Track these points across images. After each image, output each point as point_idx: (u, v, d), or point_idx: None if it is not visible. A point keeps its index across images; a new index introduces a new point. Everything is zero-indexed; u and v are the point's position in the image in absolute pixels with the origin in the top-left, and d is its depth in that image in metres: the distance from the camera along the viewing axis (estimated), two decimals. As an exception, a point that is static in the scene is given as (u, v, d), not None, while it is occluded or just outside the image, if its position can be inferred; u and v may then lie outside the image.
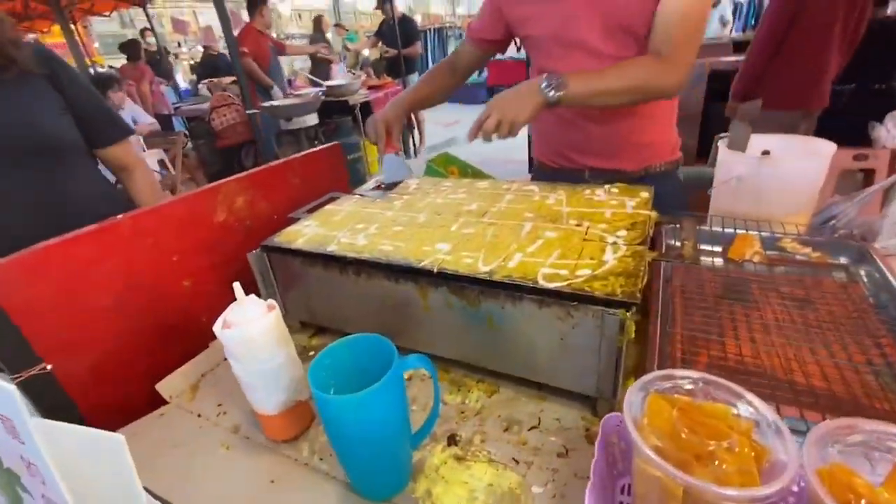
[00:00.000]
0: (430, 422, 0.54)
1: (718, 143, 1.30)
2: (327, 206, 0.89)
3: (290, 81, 4.73)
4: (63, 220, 0.76)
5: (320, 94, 4.11)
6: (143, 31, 6.93)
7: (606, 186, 0.83)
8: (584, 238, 0.65)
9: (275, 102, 3.71)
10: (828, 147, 1.05)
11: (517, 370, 0.63)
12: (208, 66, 5.76)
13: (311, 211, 0.88)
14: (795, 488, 0.38)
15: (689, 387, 0.40)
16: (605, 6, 0.92)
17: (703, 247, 0.88)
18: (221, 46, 5.75)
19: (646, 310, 0.66)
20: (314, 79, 4.66)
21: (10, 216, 0.91)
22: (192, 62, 8.81)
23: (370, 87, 4.96)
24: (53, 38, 7.66)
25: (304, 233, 0.77)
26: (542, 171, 1.21)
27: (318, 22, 6.27)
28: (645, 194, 0.78)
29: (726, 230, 0.90)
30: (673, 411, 0.37)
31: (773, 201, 1.12)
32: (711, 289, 0.78)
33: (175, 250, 0.81)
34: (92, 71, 5.27)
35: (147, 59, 5.59)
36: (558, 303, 0.54)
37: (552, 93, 0.80)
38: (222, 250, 0.87)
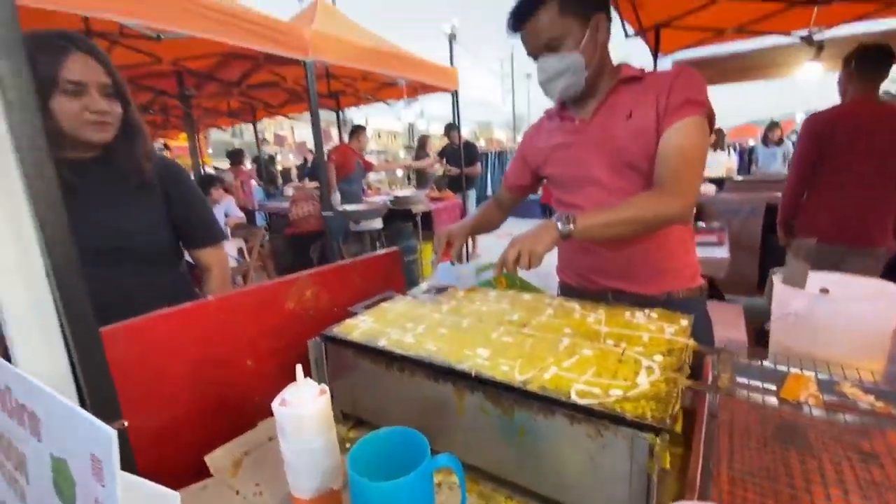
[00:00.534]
0: (454, 530, 0.54)
1: (773, 277, 1.29)
2: (382, 304, 0.98)
3: (364, 190, 5.31)
4: (149, 308, 0.86)
5: (388, 202, 4.55)
6: (256, 142, 8.24)
7: (647, 311, 0.86)
8: (620, 359, 0.68)
9: (347, 207, 4.15)
10: (892, 289, 1.03)
11: (546, 489, 0.62)
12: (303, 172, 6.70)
13: (368, 307, 0.98)
14: None
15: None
16: (610, 148, 1.08)
17: (754, 383, 0.86)
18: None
19: (688, 443, 0.64)
20: (380, 187, 5.21)
21: (117, 302, 1.04)
22: (282, 168, 10.24)
23: (433, 199, 5.42)
24: (179, 142, 9.28)
25: (360, 326, 0.85)
26: (568, 291, 1.29)
27: (422, 142, 7.04)
28: (684, 322, 0.80)
29: (779, 367, 0.87)
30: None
31: (834, 342, 1.07)
32: (762, 429, 0.74)
33: (247, 332, 0.92)
34: (202, 171, 6.26)
35: (251, 163, 6.61)
36: (588, 420, 0.56)
37: (564, 227, 0.91)
38: (286, 336, 0.97)
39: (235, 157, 6.06)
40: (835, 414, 0.77)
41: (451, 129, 6.16)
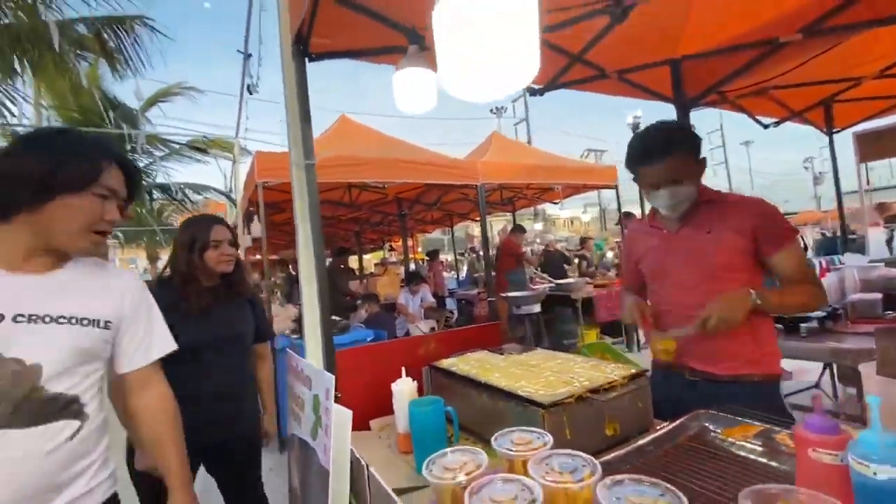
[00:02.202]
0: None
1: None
2: (467, 354, 1.63)
3: (531, 279, 6.02)
4: (245, 378, 1.65)
5: (547, 289, 5.12)
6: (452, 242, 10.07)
7: (610, 365, 1.28)
8: (565, 382, 1.16)
9: (510, 294, 4.90)
10: None
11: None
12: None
13: (458, 354, 1.64)
14: None
15: None
16: (692, 256, 1.38)
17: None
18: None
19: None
20: (546, 277, 5.81)
21: (233, 380, 1.66)
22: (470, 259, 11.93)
23: (596, 286, 5.72)
24: (396, 242, 11.90)
25: (448, 363, 1.52)
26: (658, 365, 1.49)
27: (583, 241, 7.72)
28: (629, 371, 1.21)
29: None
30: None
31: None
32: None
33: (396, 361, 1.68)
34: (413, 266, 8.09)
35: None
36: (528, 404, 1.08)
37: (754, 300, 1.20)
38: (416, 365, 1.69)
39: (432, 255, 7.67)
40: None
41: (626, 217, 6.50)
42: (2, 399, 0.83)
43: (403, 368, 1.33)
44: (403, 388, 1.28)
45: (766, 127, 3.34)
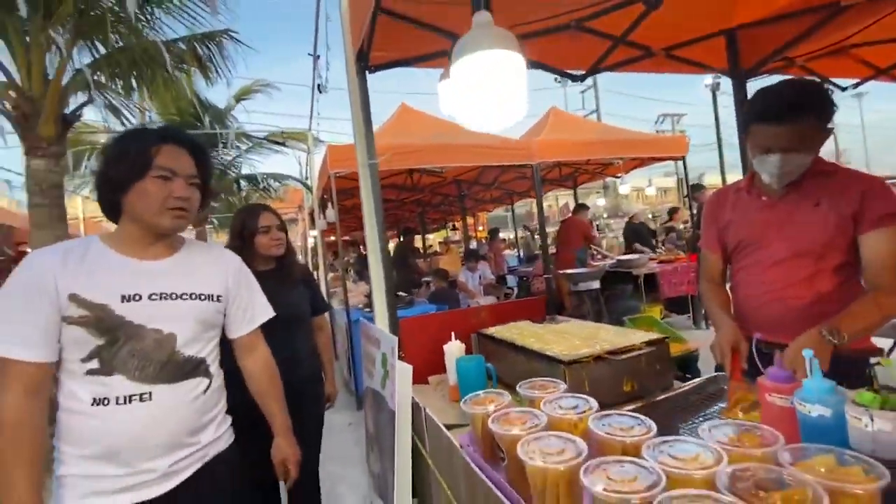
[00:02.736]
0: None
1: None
2: (511, 322, 1.85)
3: (592, 255, 6.00)
4: (307, 349, 1.87)
5: (605, 266, 5.12)
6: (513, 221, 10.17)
7: (640, 333, 1.44)
8: (587, 345, 1.35)
9: (567, 271, 4.98)
10: None
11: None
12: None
13: (503, 323, 1.87)
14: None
15: None
16: (793, 230, 1.24)
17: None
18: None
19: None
20: (604, 252, 5.77)
21: (295, 352, 1.78)
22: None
23: (661, 262, 5.58)
24: (458, 221, 12.16)
25: (493, 330, 1.76)
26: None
27: (672, 212, 7.39)
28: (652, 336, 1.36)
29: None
30: None
31: None
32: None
33: (455, 326, 1.94)
34: (474, 244, 8.34)
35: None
36: (554, 361, 1.29)
37: (833, 339, 1.04)
38: (467, 331, 1.95)
39: (493, 234, 7.85)
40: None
41: (696, 189, 6.22)
42: (149, 361, 1.01)
43: (453, 333, 1.59)
44: (452, 349, 1.55)
45: (843, 90, 3.08)
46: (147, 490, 1.00)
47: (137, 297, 1.01)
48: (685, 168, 5.48)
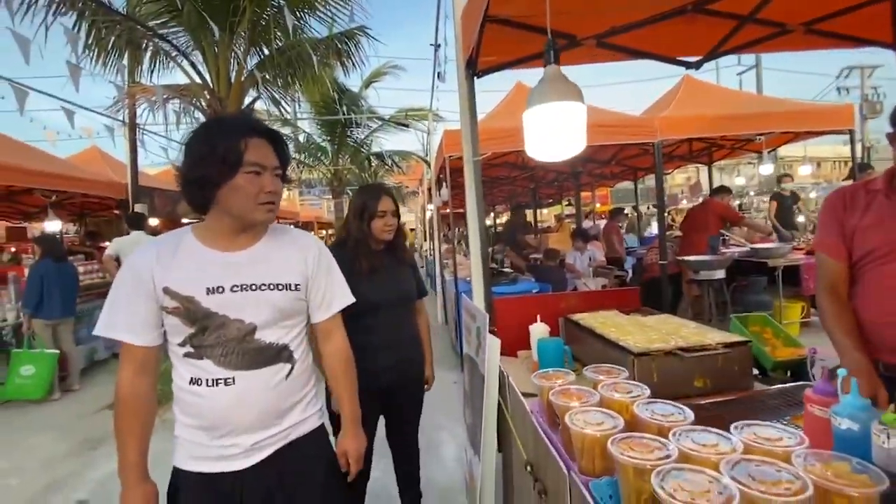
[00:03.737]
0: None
1: None
2: (598, 311, 1.97)
3: (724, 241, 5.46)
4: (411, 330, 1.98)
5: (734, 255, 4.66)
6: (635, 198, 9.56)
7: (719, 333, 1.47)
8: (662, 339, 1.44)
9: (689, 258, 4.66)
10: None
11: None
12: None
13: (589, 312, 1.99)
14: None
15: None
16: None
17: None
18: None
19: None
20: (740, 240, 5.21)
21: (401, 333, 1.89)
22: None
23: (808, 252, 4.88)
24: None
25: (578, 317, 1.90)
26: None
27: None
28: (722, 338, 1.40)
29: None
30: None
31: None
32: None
33: (545, 310, 2.13)
34: (590, 223, 8.10)
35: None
36: (627, 351, 1.43)
37: None
38: (555, 316, 2.12)
39: (613, 213, 7.51)
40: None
41: (862, 170, 5.26)
42: (232, 349, 1.07)
43: (538, 315, 1.79)
44: (537, 329, 1.76)
45: None
46: (235, 462, 1.09)
47: (221, 290, 1.07)
48: (852, 143, 4.60)
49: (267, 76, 4.98)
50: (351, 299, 1.31)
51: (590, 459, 0.97)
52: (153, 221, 6.80)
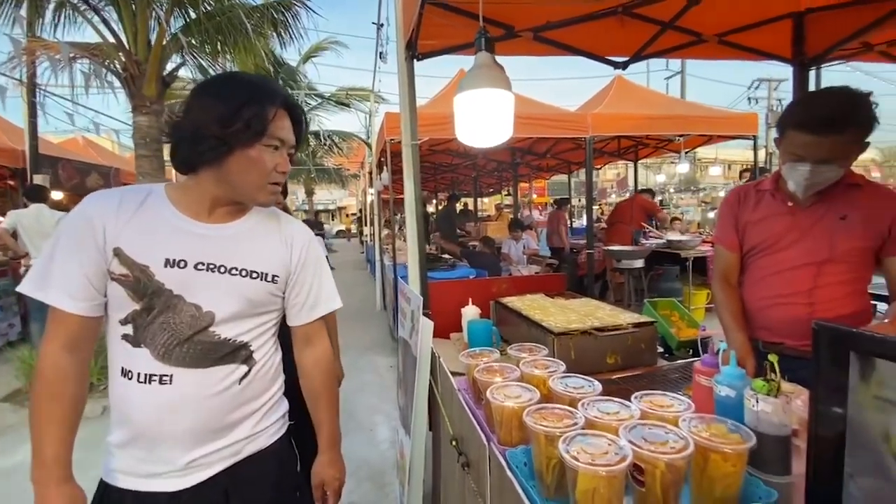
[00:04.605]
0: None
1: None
2: (526, 295, 2.07)
3: (645, 233, 5.91)
4: None
5: (651, 246, 5.08)
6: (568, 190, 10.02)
7: (630, 315, 1.61)
8: (578, 319, 1.55)
9: (611, 247, 5.00)
10: None
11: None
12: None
13: (518, 295, 2.09)
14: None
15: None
16: (818, 238, 1.28)
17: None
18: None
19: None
20: (655, 232, 5.67)
21: None
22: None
23: (713, 245, 5.41)
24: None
25: (507, 300, 1.99)
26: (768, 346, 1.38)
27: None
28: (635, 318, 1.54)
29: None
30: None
31: None
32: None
33: (474, 294, 2.20)
34: (526, 213, 8.40)
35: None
36: (549, 331, 1.52)
37: None
38: (487, 299, 2.20)
39: (560, 203, 7.75)
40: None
41: (764, 173, 5.88)
42: (178, 339, 0.88)
43: (470, 298, 1.85)
44: (468, 312, 1.81)
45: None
46: (169, 481, 0.89)
47: (182, 264, 0.89)
48: (755, 148, 5.15)
49: (193, 41, 4.59)
50: (338, 304, 1.13)
51: (508, 431, 1.03)
52: (57, 195, 6.09)
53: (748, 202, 1.46)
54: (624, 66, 2.27)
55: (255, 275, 0.96)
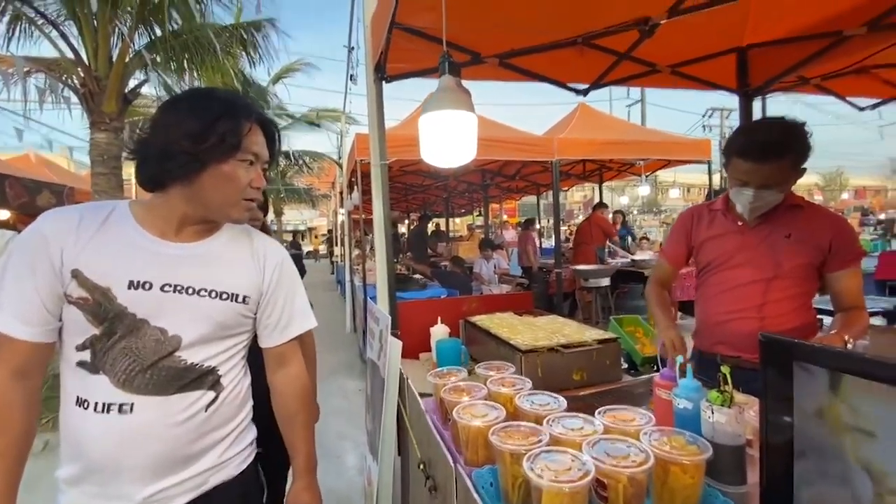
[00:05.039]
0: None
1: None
2: (496, 314, 2.08)
3: (609, 253, 6.09)
4: None
5: (618, 264, 5.23)
6: (537, 210, 10.25)
7: (596, 331, 1.64)
8: (546, 337, 1.57)
9: (578, 267, 5.12)
10: None
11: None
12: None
13: (488, 313, 2.10)
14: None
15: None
16: (765, 256, 1.38)
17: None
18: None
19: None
20: (620, 250, 5.86)
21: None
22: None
23: (676, 264, 5.62)
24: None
25: (477, 318, 1.99)
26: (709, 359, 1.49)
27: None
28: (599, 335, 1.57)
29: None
30: (491, 363, 1.37)
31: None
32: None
33: (444, 313, 2.19)
34: (497, 232, 8.51)
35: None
36: (515, 348, 1.53)
37: (849, 342, 1.19)
38: (456, 317, 2.19)
39: (526, 224, 7.93)
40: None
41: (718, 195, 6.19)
42: (141, 365, 0.83)
43: (439, 317, 1.84)
44: (437, 331, 1.80)
45: (861, 109, 3.06)
46: None
47: (147, 286, 0.84)
48: (710, 172, 5.45)
49: (158, 59, 4.51)
50: (313, 323, 1.09)
51: (474, 450, 1.02)
52: (3, 214, 5.75)
53: (702, 221, 1.55)
54: (585, 92, 2.38)
55: (224, 296, 0.92)
